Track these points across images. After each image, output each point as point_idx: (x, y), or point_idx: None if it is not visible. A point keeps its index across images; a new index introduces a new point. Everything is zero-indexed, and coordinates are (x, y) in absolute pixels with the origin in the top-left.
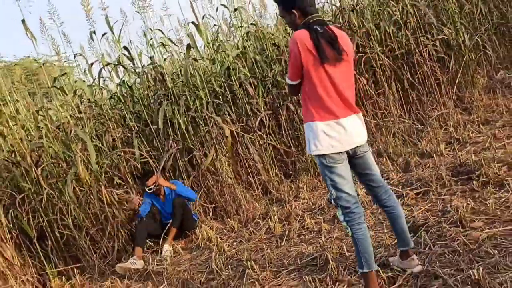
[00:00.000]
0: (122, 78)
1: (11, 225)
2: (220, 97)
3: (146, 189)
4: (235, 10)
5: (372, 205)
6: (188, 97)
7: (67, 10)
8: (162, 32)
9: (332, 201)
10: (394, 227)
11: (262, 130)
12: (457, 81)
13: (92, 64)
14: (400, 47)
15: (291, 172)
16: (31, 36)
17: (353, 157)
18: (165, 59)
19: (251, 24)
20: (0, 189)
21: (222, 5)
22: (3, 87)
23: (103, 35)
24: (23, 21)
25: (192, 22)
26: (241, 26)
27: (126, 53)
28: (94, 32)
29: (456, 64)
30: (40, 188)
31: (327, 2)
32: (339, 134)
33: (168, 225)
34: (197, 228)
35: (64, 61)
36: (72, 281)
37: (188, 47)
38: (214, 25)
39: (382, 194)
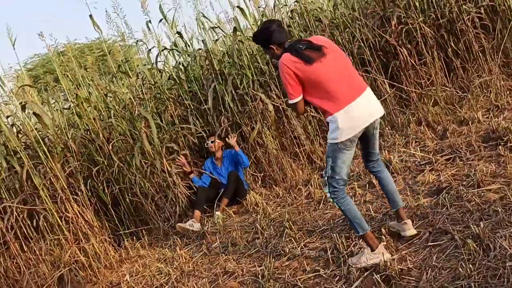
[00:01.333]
0: (177, 61)
1: (89, 193)
2: (266, 74)
3: (208, 142)
4: None
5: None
6: (235, 76)
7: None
8: (209, 20)
9: (325, 178)
10: (384, 189)
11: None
12: (502, 47)
13: (150, 50)
14: (443, 16)
15: None
16: (97, 28)
17: (364, 133)
18: (216, 40)
19: (295, 1)
20: (79, 162)
21: None
22: (78, 73)
23: (160, 20)
24: (90, 16)
25: (238, 6)
26: (285, 5)
27: (180, 37)
28: (150, 21)
29: (504, 29)
30: (111, 161)
31: None
32: (357, 117)
33: (221, 194)
34: (248, 195)
35: (128, 46)
36: (141, 240)
37: (235, 30)
38: (259, 7)
39: (374, 163)
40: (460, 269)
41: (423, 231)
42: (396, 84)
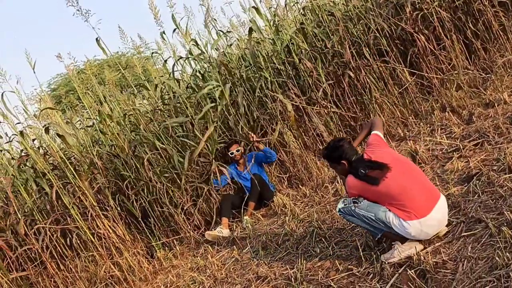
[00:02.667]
0: (194, 68)
1: (119, 208)
2: (283, 74)
3: (229, 153)
4: None
5: None
6: (253, 78)
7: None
8: (223, 24)
9: (351, 208)
10: None
11: (327, 100)
12: None
13: (166, 60)
14: None
15: None
16: (103, 52)
17: None
18: (230, 45)
19: None
20: (106, 179)
21: None
22: (99, 90)
23: (174, 30)
24: (97, 39)
25: (253, 7)
26: (297, 3)
27: (195, 45)
28: (164, 32)
29: None
30: (139, 175)
31: None
32: (427, 232)
33: (246, 199)
34: (275, 197)
35: (146, 58)
36: (173, 250)
37: (250, 31)
38: (270, 7)
39: None
40: (497, 258)
41: (456, 221)
42: (416, 71)
